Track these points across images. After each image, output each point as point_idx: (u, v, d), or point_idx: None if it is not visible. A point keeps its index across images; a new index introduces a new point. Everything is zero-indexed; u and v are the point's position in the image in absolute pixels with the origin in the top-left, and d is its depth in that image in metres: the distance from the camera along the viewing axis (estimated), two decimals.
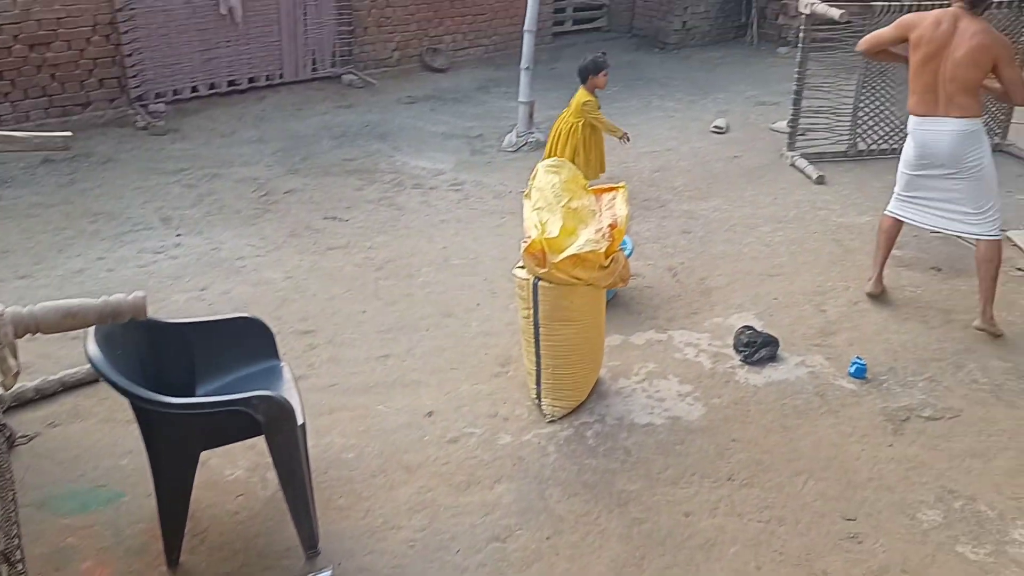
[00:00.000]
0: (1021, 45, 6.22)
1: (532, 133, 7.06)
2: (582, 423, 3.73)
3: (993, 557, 3.06)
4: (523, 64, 6.97)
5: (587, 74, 5.65)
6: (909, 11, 6.14)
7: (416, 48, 9.30)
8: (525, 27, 6.95)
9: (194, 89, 7.73)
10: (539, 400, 3.78)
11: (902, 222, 4.55)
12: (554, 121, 5.95)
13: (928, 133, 4.25)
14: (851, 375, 4.04)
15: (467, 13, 9.57)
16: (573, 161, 5.56)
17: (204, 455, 3.12)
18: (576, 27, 10.83)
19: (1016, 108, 6.65)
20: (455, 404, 3.84)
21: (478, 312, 4.59)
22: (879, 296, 4.65)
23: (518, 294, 3.72)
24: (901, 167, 4.49)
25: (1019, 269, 4.95)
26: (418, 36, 9.28)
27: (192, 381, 3.15)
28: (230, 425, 2.90)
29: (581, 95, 5.66)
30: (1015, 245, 5.16)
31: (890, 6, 6.14)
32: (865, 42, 4.55)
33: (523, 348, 3.84)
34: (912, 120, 4.34)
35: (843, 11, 5.88)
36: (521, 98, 7.01)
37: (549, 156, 5.62)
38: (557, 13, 10.50)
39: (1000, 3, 6.11)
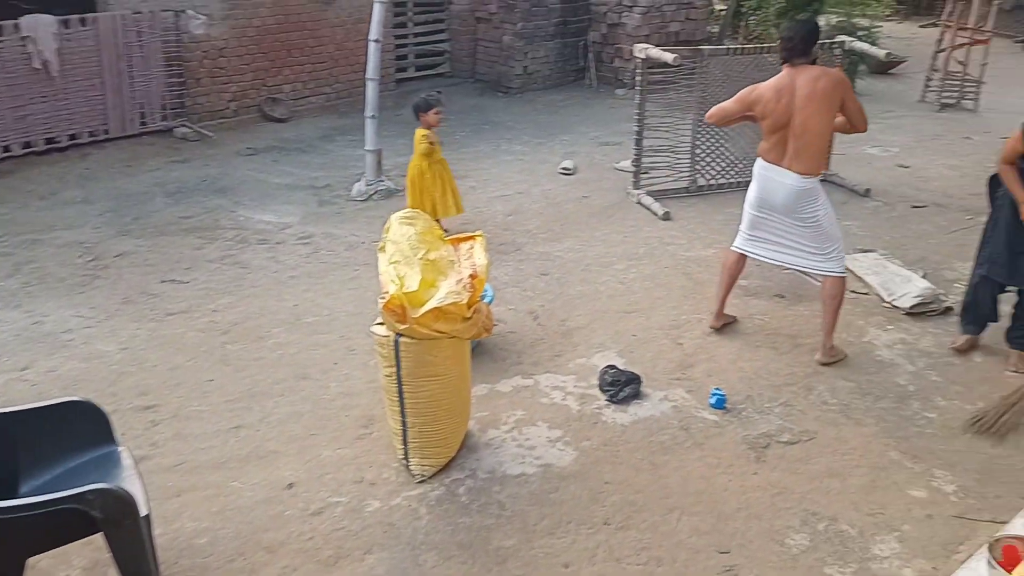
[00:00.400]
0: None
1: (382, 181, 6.94)
2: (453, 480, 3.59)
3: (859, 575, 3.15)
4: (368, 112, 6.86)
5: (418, 112, 5.74)
6: (734, 56, 6.54)
7: (254, 98, 9.01)
8: (368, 75, 6.85)
9: (6, 148, 7.13)
10: (407, 460, 3.62)
11: (746, 258, 4.72)
12: (406, 168, 5.93)
13: (770, 181, 4.41)
14: (712, 406, 4.13)
15: (306, 61, 9.39)
16: (427, 203, 5.58)
17: (32, 558, 2.76)
18: (419, 73, 10.86)
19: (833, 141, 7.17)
20: (317, 473, 3.61)
21: (336, 372, 4.38)
22: (720, 329, 4.79)
23: (378, 352, 3.56)
24: (746, 206, 4.64)
25: (853, 291, 5.24)
26: (255, 86, 9.00)
27: (14, 478, 2.79)
28: (61, 525, 2.58)
29: (417, 133, 5.72)
30: (848, 269, 5.47)
31: (716, 49, 6.49)
32: (713, 116, 4.64)
33: (387, 407, 3.68)
34: (760, 163, 4.49)
35: (675, 55, 6.15)
36: (368, 146, 6.89)
37: (411, 204, 5.65)
38: (399, 60, 10.49)
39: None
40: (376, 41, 6.82)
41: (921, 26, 14.73)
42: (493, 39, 10.55)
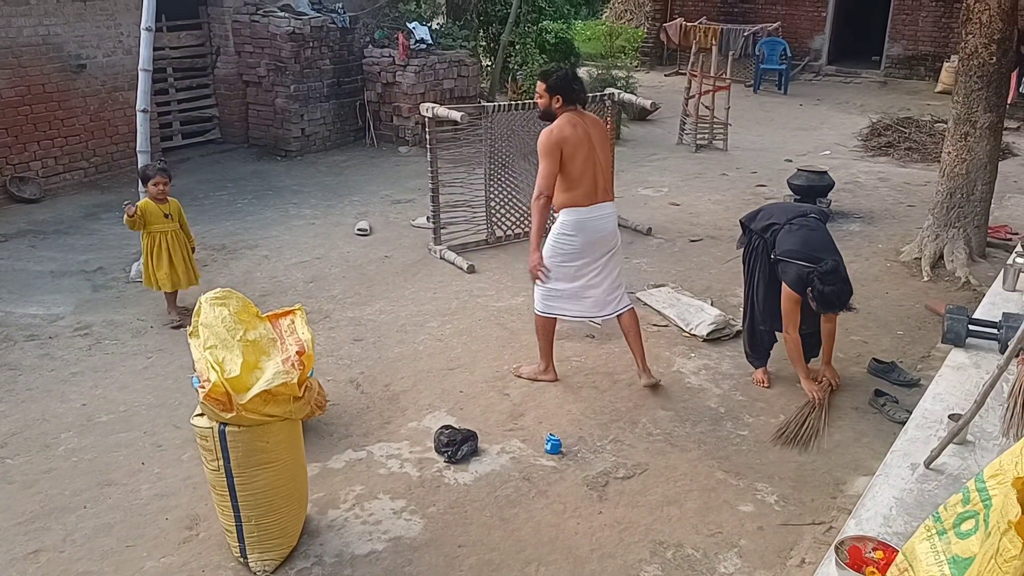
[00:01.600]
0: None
1: None
2: (299, 571, 3.35)
3: None
4: (141, 187, 6.37)
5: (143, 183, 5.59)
6: (515, 112, 6.79)
7: None
8: (138, 147, 6.38)
9: None
10: (245, 557, 3.33)
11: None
12: None
13: (599, 219, 4.56)
14: (548, 452, 4.17)
15: (56, 135, 8.59)
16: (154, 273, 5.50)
17: None
18: (186, 141, 10.30)
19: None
20: None
21: (145, 473, 3.96)
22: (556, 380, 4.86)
23: (201, 445, 3.26)
24: (561, 261, 4.57)
25: (654, 325, 5.57)
26: None
27: None
28: None
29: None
30: (647, 304, 5.82)
31: (499, 106, 6.71)
32: (543, 190, 4.40)
33: (215, 503, 3.36)
34: (580, 211, 4.49)
35: (463, 112, 6.29)
36: None
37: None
38: (164, 128, 9.89)
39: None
40: (144, 111, 6.39)
41: (666, 75, 16.18)
42: (265, 102, 10.24)
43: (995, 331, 4.14)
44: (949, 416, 3.44)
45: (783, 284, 4.52)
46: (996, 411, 3.48)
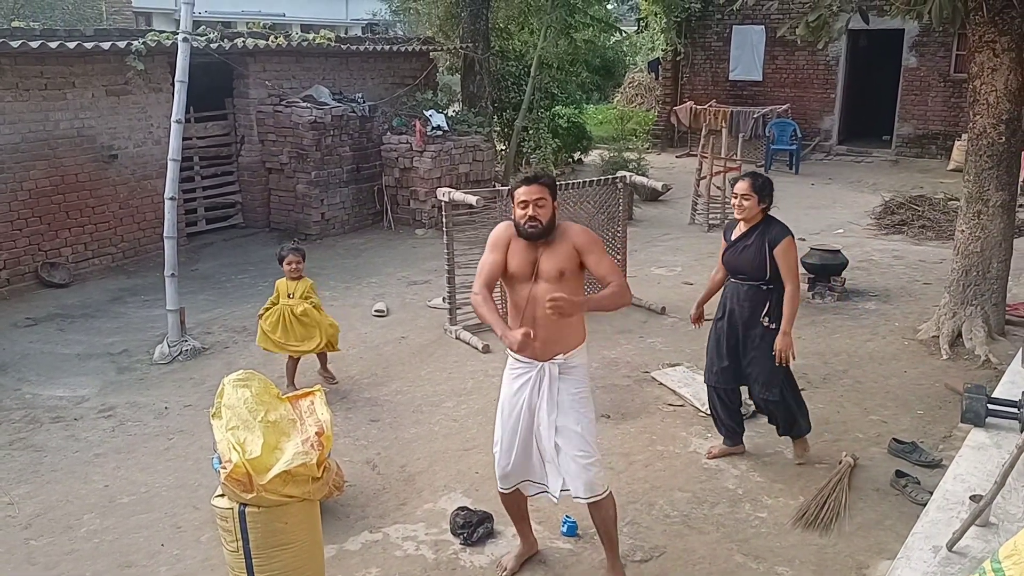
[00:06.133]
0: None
1: (186, 341, 6.59)
2: None
3: None
4: (167, 271, 6.57)
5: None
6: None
7: (29, 264, 8.35)
8: (165, 233, 6.60)
9: None
10: None
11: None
12: (211, 324, 5.71)
13: None
14: (564, 534, 4.15)
15: (87, 223, 8.88)
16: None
17: None
18: (210, 226, 10.59)
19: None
20: None
21: (164, 554, 3.98)
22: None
23: (221, 526, 3.29)
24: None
25: (669, 404, 5.57)
26: (30, 251, 8.36)
27: None
28: None
29: None
30: (662, 384, 5.84)
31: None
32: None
33: None
34: None
35: (478, 197, 6.46)
36: (169, 306, 6.55)
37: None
38: (189, 214, 10.18)
39: None
40: (172, 199, 6.62)
41: (678, 156, 16.50)
42: (287, 188, 10.54)
43: (1015, 410, 4.11)
44: (971, 497, 3.40)
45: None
46: (1019, 492, 3.45)
